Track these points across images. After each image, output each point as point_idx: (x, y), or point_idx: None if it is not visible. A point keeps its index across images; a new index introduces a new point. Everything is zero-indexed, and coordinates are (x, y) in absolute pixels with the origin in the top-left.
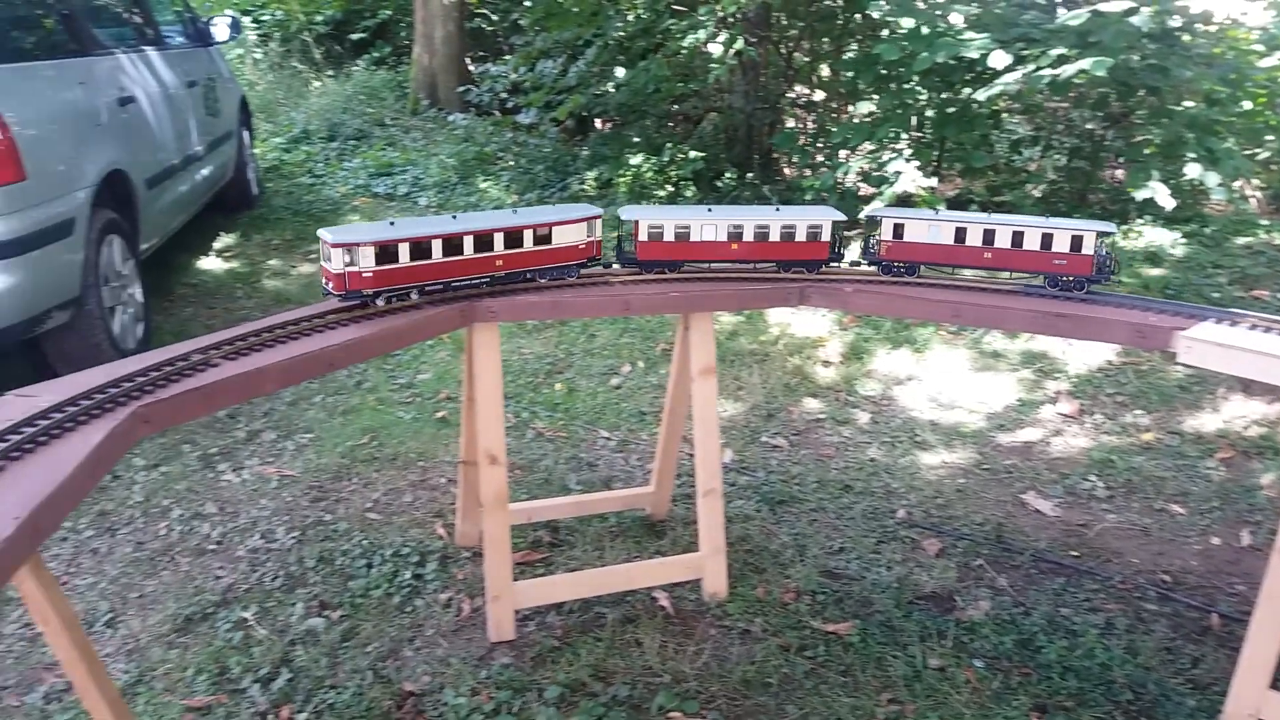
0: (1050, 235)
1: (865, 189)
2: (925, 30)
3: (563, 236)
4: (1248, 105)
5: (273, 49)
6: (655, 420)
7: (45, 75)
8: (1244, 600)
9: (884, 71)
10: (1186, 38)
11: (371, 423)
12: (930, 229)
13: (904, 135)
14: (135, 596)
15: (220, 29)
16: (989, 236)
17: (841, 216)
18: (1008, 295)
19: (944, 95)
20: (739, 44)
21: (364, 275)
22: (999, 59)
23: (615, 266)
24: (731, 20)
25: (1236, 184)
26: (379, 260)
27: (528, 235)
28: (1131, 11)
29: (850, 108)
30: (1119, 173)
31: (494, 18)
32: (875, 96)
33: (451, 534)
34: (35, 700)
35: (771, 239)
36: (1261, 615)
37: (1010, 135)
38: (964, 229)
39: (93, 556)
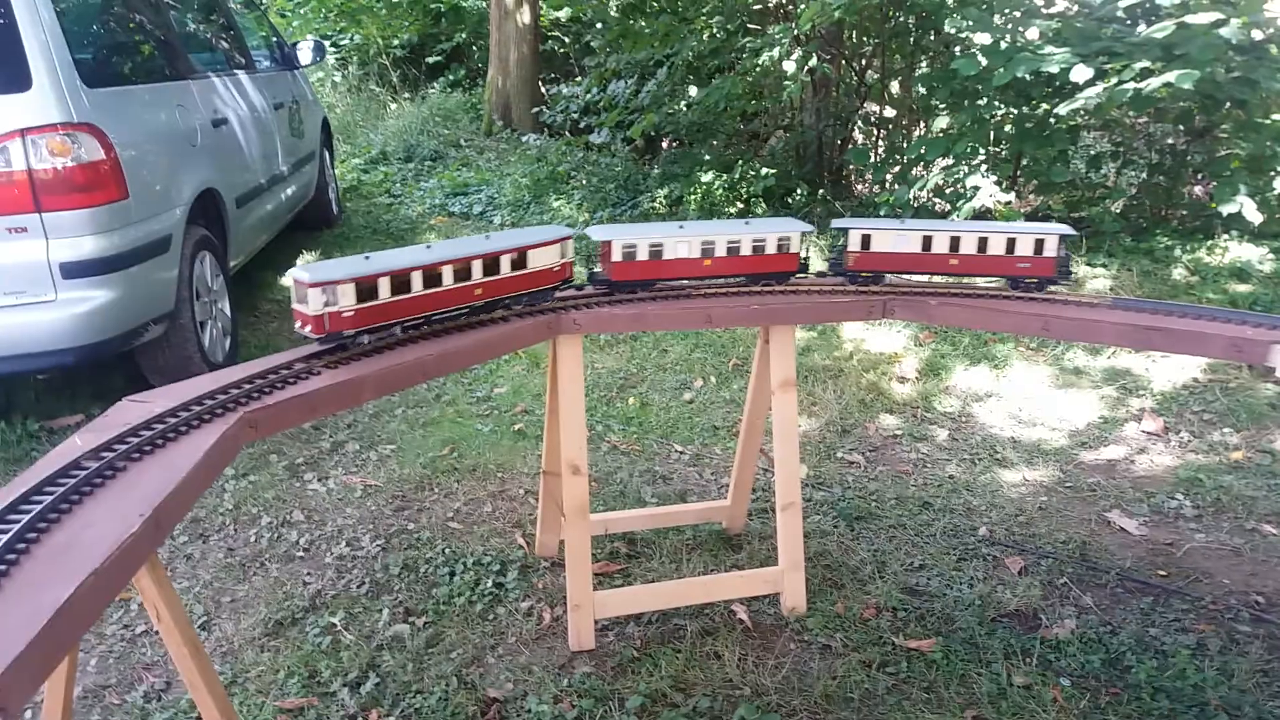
0: (1014, 240)
1: (940, 204)
2: (1003, 45)
3: (538, 260)
4: None
5: (351, 72)
6: (728, 435)
7: (145, 98)
8: None
9: (960, 87)
10: (1274, 49)
11: (451, 435)
12: (897, 238)
13: (981, 151)
14: (228, 601)
15: (304, 52)
16: (955, 243)
17: (809, 227)
18: (1098, 308)
19: (1022, 110)
20: (813, 61)
21: (344, 315)
22: (1080, 73)
23: (587, 288)
24: (805, 38)
25: None
26: (360, 298)
27: (505, 261)
28: (1220, 23)
29: (923, 124)
30: (1198, 189)
31: (566, 40)
32: (950, 113)
33: (531, 544)
34: (135, 699)
35: (743, 253)
36: None
37: (1089, 150)
38: (930, 237)
39: (186, 562)
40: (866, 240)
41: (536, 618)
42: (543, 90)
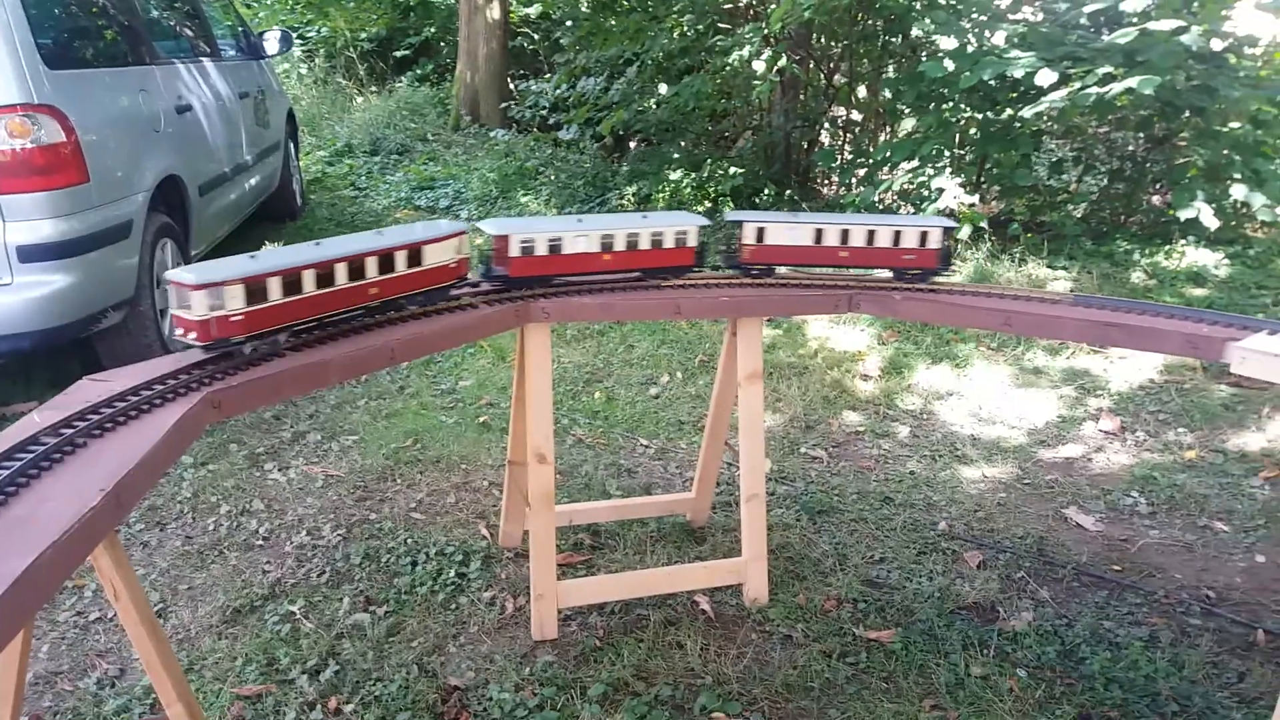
0: (900, 232)
1: (905, 207)
2: (969, 49)
3: (434, 256)
4: None
5: (318, 65)
6: (694, 429)
7: (107, 82)
8: None
9: (927, 90)
10: (1233, 59)
11: (414, 426)
12: (790, 231)
13: (946, 153)
14: (185, 588)
15: (271, 42)
16: (845, 236)
17: (706, 221)
18: (1059, 305)
19: (987, 114)
20: (782, 61)
21: (233, 320)
22: (1045, 77)
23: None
24: (775, 39)
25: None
26: (249, 300)
27: (400, 258)
28: (1180, 30)
29: (889, 127)
30: (1156, 198)
31: (535, 37)
32: (915, 114)
33: (495, 535)
34: (89, 685)
35: (641, 247)
36: None
37: (1052, 155)
38: (822, 230)
39: (143, 549)
40: (760, 233)
41: (499, 607)
42: (511, 86)
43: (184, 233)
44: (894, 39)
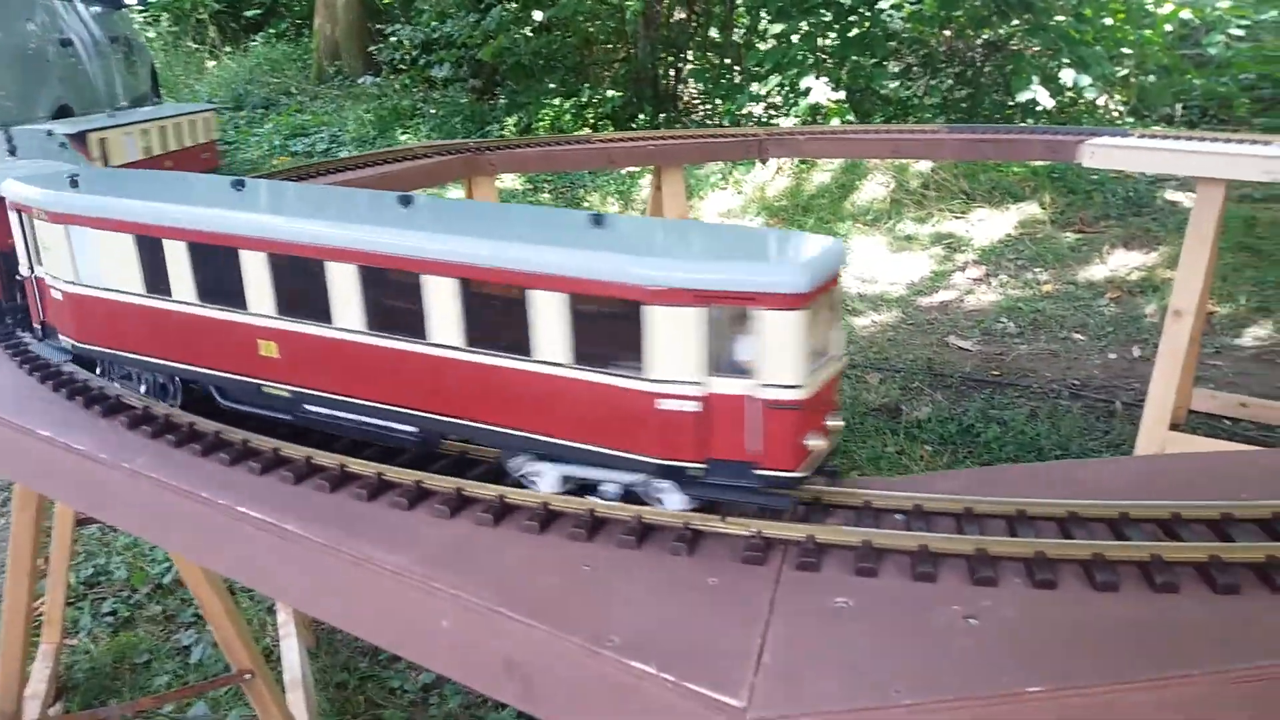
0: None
1: (775, 116)
2: None
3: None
4: (1109, 21)
5: (164, 28)
6: None
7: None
8: (1140, 394)
9: (788, 3)
10: None
11: None
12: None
13: (811, 57)
14: None
15: None
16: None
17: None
18: (938, 133)
19: (847, 20)
20: None
21: None
22: None
23: None
24: None
25: (1100, 100)
26: None
27: None
28: None
29: (757, 43)
30: (997, 97)
31: None
32: (779, 21)
33: None
34: None
35: None
36: (1157, 373)
37: (905, 62)
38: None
39: None
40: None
41: None
42: (374, 33)
43: None
44: None
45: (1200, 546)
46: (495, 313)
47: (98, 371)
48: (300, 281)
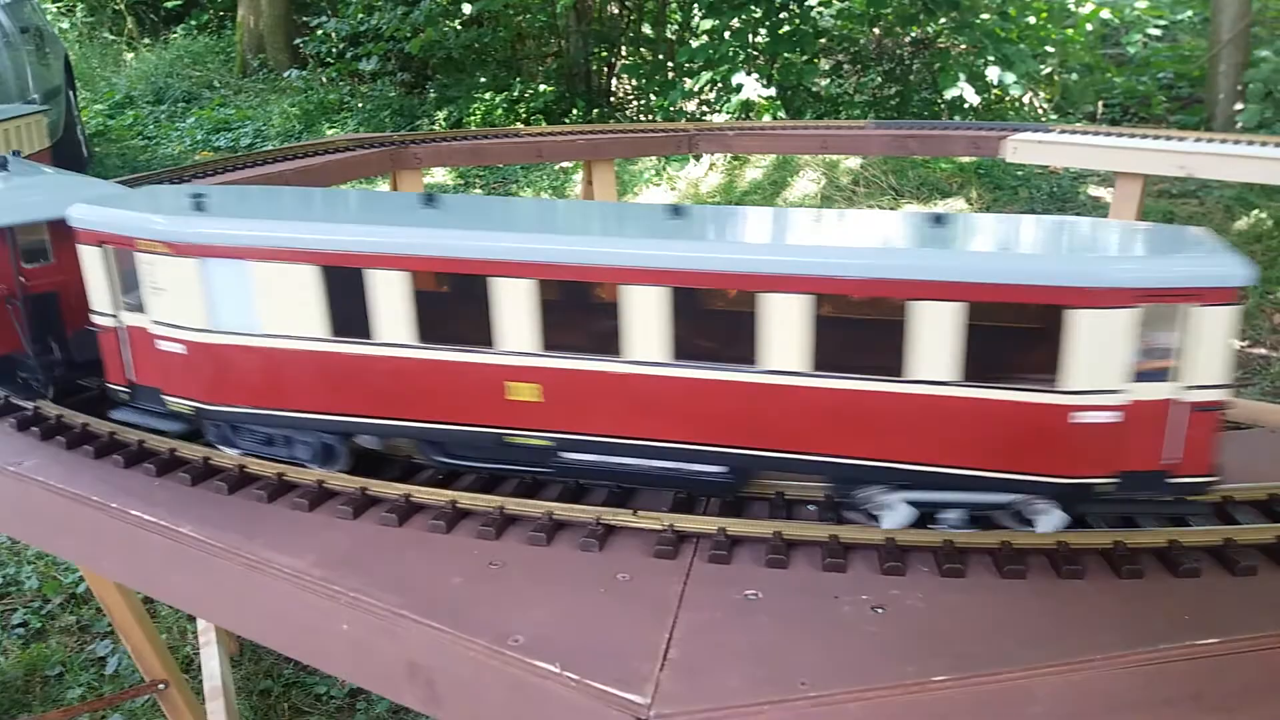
0: None
1: (706, 112)
2: None
3: None
4: (1033, 20)
5: (79, 19)
6: None
7: None
8: None
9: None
10: None
11: None
12: None
13: (742, 54)
14: None
15: None
16: None
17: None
18: (865, 129)
19: (775, 18)
20: None
21: None
22: None
23: None
24: None
25: (1026, 97)
26: None
27: None
28: None
29: (690, 40)
30: (926, 94)
31: None
32: (711, 17)
33: None
34: None
35: None
36: None
37: (835, 59)
38: None
39: None
40: None
41: None
42: (299, 26)
43: None
44: None
45: (1105, 533)
46: (855, 331)
47: (208, 437)
48: (576, 311)
